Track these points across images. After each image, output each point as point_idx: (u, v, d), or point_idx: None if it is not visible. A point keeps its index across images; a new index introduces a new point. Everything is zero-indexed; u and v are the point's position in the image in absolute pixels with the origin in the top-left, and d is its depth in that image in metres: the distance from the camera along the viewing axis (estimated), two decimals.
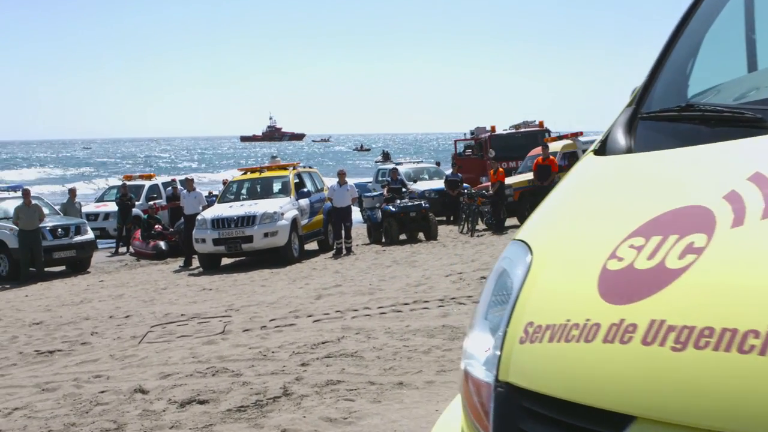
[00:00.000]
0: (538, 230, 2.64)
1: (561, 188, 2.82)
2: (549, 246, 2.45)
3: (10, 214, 20.19)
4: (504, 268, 2.61)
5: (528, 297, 2.32)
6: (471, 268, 13.81)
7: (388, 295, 11.78)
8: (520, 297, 2.36)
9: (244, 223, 18.51)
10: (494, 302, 2.54)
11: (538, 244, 2.51)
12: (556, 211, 2.70)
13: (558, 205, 2.73)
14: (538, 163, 23.64)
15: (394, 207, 22.18)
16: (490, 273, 2.64)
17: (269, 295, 13.21)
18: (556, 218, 2.64)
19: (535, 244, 2.52)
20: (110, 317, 12.44)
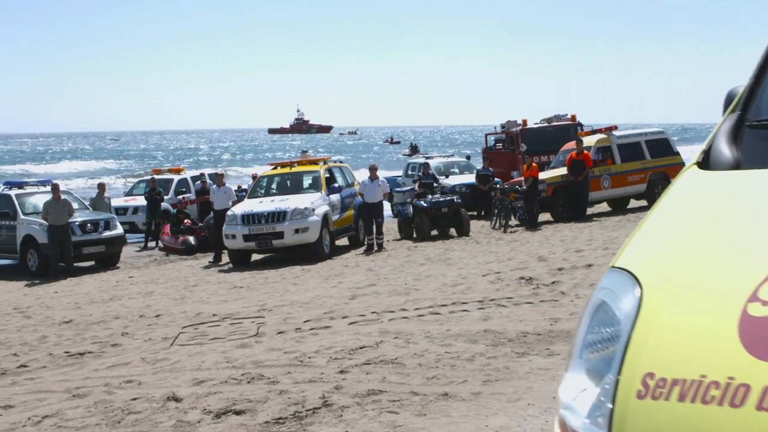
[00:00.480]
0: (643, 257, 2.29)
1: (663, 207, 2.47)
2: (662, 278, 2.10)
3: (39, 208, 20.05)
4: (603, 301, 2.26)
5: (644, 340, 1.98)
6: (508, 268, 13.44)
7: (424, 295, 11.45)
8: (632, 339, 2.02)
9: (274, 219, 18.24)
10: (593, 341, 2.19)
11: (647, 274, 2.16)
12: (661, 235, 2.34)
13: (662, 228, 2.37)
14: (572, 157, 23.20)
15: (426, 202, 21.82)
16: (586, 305, 2.30)
17: (302, 294, 12.92)
18: (662, 244, 2.28)
19: (643, 274, 2.17)
20: (141, 316, 12.21)
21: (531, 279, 11.83)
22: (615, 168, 24.23)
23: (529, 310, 9.69)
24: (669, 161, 24.95)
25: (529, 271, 12.68)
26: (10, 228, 20.09)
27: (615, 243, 15.27)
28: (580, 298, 10.19)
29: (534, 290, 10.95)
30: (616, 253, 2.39)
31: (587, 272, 12.09)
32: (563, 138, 30.40)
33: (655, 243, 2.28)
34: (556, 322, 8.90)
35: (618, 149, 24.53)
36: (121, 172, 72.40)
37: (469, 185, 27.37)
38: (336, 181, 20.55)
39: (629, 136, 25.29)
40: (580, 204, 23.14)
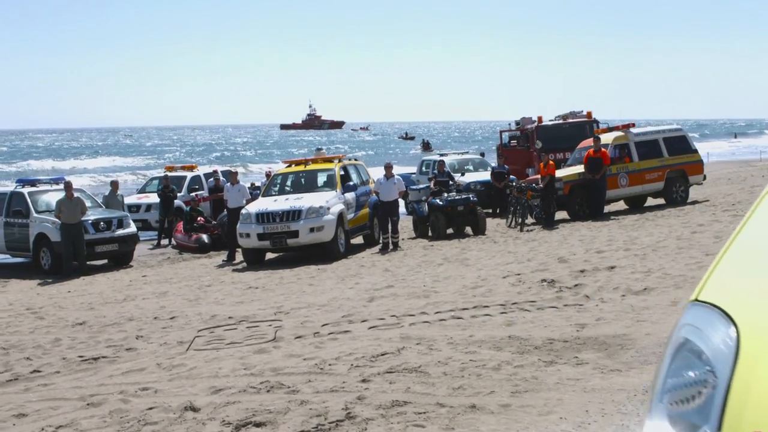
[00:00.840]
0: (735, 290, 2.01)
1: (755, 226, 2.18)
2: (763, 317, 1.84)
3: (52, 206, 19.90)
4: (687, 339, 1.98)
5: (747, 392, 1.72)
6: (529, 269, 13.18)
7: (444, 298, 11.21)
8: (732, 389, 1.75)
9: (289, 218, 18.02)
10: (676, 385, 1.92)
11: (743, 311, 1.89)
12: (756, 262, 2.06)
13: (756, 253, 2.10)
14: (589, 155, 22.90)
15: (442, 201, 21.57)
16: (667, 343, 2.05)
17: (319, 295, 12.69)
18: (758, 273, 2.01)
19: (737, 311, 1.90)
20: (155, 318, 12.01)
21: (553, 281, 11.57)
22: (632, 166, 23.91)
23: (554, 315, 9.44)
24: (687, 159, 24.64)
25: (550, 273, 12.42)
26: (23, 226, 19.95)
27: (636, 243, 14.99)
28: (605, 302, 9.93)
29: (557, 293, 10.70)
30: (698, 284, 2.12)
31: (610, 275, 11.82)
32: (579, 135, 30.07)
33: (749, 272, 2.00)
34: (583, 328, 8.66)
35: (635, 147, 24.21)
36: (138, 168, 71.45)
37: (484, 183, 27.08)
38: (351, 179, 20.32)
39: (647, 133, 24.95)
40: (597, 202, 22.84)
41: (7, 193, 20.77)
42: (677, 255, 13.12)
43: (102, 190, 35.03)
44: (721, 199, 24.39)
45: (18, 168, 72.47)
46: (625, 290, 10.54)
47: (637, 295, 10.26)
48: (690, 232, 15.92)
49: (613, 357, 7.51)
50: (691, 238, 15.01)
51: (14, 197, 20.41)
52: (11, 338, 11.50)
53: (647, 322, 8.69)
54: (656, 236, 15.82)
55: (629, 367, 7.11)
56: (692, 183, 25.05)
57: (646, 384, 6.49)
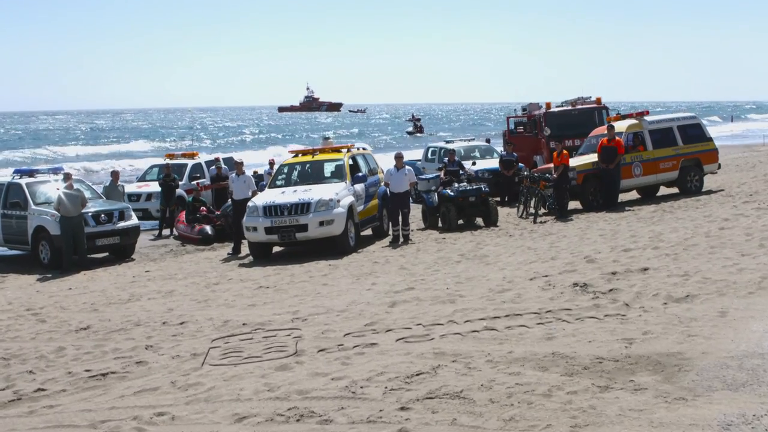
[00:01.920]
0: None
1: None
2: None
3: (51, 198, 19.20)
4: None
5: None
6: (555, 269, 12.54)
7: (472, 304, 10.56)
8: None
9: (298, 211, 17.35)
10: None
11: None
12: None
13: None
14: (603, 144, 22.25)
15: (453, 191, 20.93)
16: None
17: (335, 298, 12.04)
18: None
19: None
20: (163, 323, 11.36)
21: (585, 285, 10.93)
22: (647, 155, 23.27)
23: (595, 326, 8.81)
24: (702, 147, 24.02)
25: (579, 275, 11.79)
26: (20, 218, 19.25)
27: (663, 241, 14.35)
28: (647, 311, 9.30)
29: (593, 300, 10.06)
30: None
31: (645, 278, 11.19)
32: (588, 122, 29.41)
33: None
34: (631, 344, 8.02)
35: (650, 135, 23.55)
36: (146, 154, 69.04)
37: (492, 171, 26.43)
38: (360, 170, 19.64)
39: (661, 121, 24.28)
40: (611, 192, 22.22)
41: (4, 183, 20.02)
42: (711, 255, 12.49)
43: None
44: (737, 188, 23.76)
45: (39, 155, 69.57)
46: (666, 297, 9.91)
47: (679, 303, 9.62)
48: (717, 228, 15.28)
49: (672, 381, 6.88)
50: (720, 235, 14.38)
51: (11, 188, 19.69)
52: (12, 345, 10.86)
53: (699, 337, 8.06)
54: (682, 232, 15.18)
55: (694, 395, 6.49)
56: (707, 172, 24.43)
57: (722, 418, 5.87)
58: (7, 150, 75.05)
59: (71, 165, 54.94)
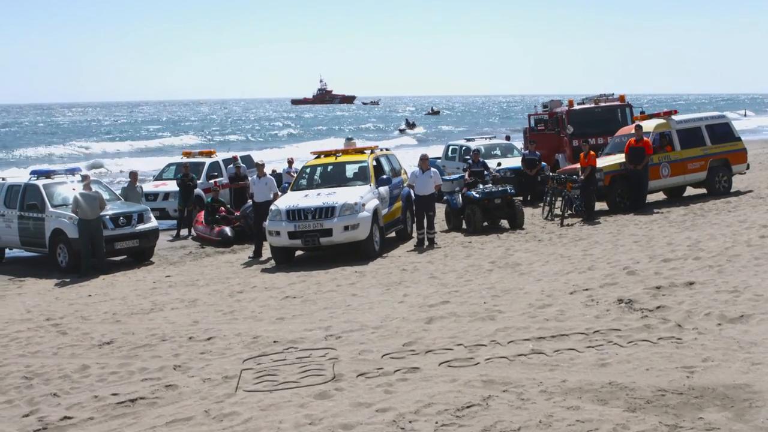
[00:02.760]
0: None
1: None
2: None
3: (68, 200, 18.82)
4: None
5: None
6: (595, 282, 12.06)
7: (513, 321, 10.10)
8: None
9: (322, 215, 16.90)
10: None
11: None
12: None
13: None
14: (630, 144, 21.73)
15: (478, 193, 20.46)
16: None
17: (367, 312, 11.58)
18: None
19: None
20: (190, 338, 10.93)
21: (631, 302, 10.46)
22: (675, 155, 22.76)
23: (650, 351, 8.33)
24: (730, 147, 23.52)
25: (622, 289, 11.31)
26: (38, 220, 18.86)
27: (702, 250, 13.86)
28: (702, 334, 8.82)
29: (642, 320, 9.58)
30: None
31: (692, 294, 10.70)
32: (611, 119, 28.92)
33: None
34: (692, 373, 7.55)
35: (677, 135, 23.03)
36: (162, 151, 67.24)
37: (514, 170, 25.93)
38: (384, 171, 19.18)
39: (689, 120, 23.74)
40: (639, 194, 21.71)
41: (21, 185, 19.65)
42: (757, 267, 12.00)
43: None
44: (766, 189, 23.24)
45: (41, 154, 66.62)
46: (719, 317, 9.43)
47: (734, 324, 9.15)
48: (758, 235, 14.78)
49: (744, 419, 6.42)
50: (762, 244, 13.88)
51: (28, 190, 19.31)
52: (33, 362, 10.46)
53: (764, 365, 7.59)
54: (720, 241, 14.68)
55: None
56: (735, 172, 23.91)
57: None
58: (42, 145, 74.06)
59: (124, 163, 54.29)
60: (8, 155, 64.81)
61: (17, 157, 63.71)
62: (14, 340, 11.94)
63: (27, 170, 27.86)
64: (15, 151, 68.61)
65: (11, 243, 19.99)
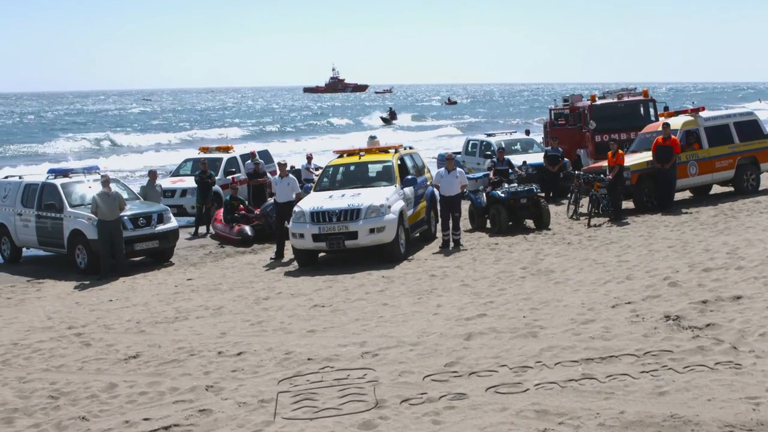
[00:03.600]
0: None
1: None
2: None
3: (86, 199, 18.49)
4: None
5: None
6: (636, 294, 11.63)
7: (557, 339, 9.68)
8: None
9: (347, 217, 16.51)
10: None
11: None
12: None
13: None
14: (658, 143, 21.26)
15: (503, 193, 20.05)
16: None
17: (401, 325, 11.18)
18: None
19: None
20: (219, 353, 10.56)
21: (678, 318, 10.04)
22: (702, 153, 22.29)
23: (709, 378, 7.91)
24: (759, 145, 23.04)
25: (666, 303, 10.89)
26: (56, 220, 18.52)
27: (743, 258, 13.40)
28: (760, 357, 8.40)
29: (694, 340, 9.15)
30: None
31: (741, 309, 10.28)
32: (633, 115, 28.48)
33: None
34: (758, 405, 7.14)
35: (705, 132, 22.55)
36: (173, 147, 64.42)
37: (536, 166, 25.50)
38: (408, 171, 18.77)
39: (717, 118, 23.25)
40: (666, 193, 21.25)
41: (38, 184, 19.30)
42: None
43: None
44: None
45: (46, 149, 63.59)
46: None
47: None
48: None
49: None
50: None
51: (46, 189, 18.98)
52: (58, 378, 10.11)
53: None
54: (760, 247, 14.22)
55: None
56: (763, 170, 23.43)
57: None
58: (80, 133, 73.20)
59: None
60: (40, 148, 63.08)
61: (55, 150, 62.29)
62: (37, 351, 11.61)
63: (42, 166, 27.60)
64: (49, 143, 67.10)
65: (28, 242, 19.67)
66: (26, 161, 52.28)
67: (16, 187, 19.79)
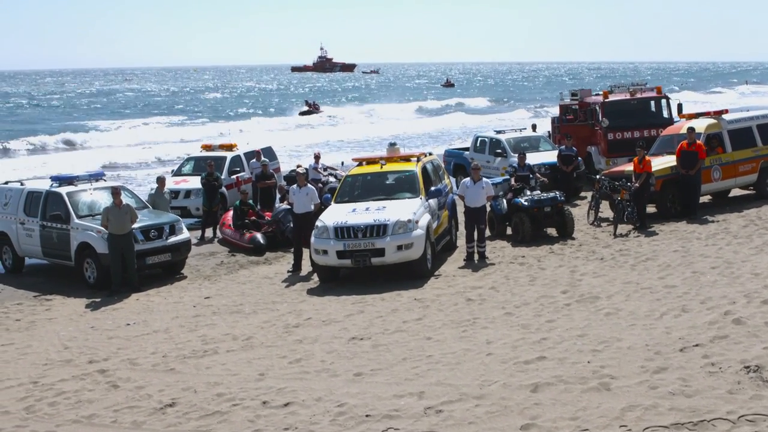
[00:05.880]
0: None
1: None
2: None
3: (94, 209, 17.64)
4: None
5: None
6: (701, 333, 10.94)
7: (634, 395, 8.95)
8: None
9: (373, 233, 15.75)
10: None
11: None
12: None
13: None
14: (682, 148, 20.60)
15: (526, 201, 19.36)
16: None
17: (456, 368, 10.41)
18: None
19: None
20: (264, 403, 9.79)
21: (759, 369, 9.36)
22: (726, 157, 21.69)
23: None
24: None
25: (736, 346, 10.21)
26: (62, 231, 17.62)
27: None
28: None
29: None
30: None
31: None
32: (647, 112, 27.79)
33: None
34: None
35: (729, 135, 21.94)
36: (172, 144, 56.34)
37: (549, 165, 24.81)
38: (432, 181, 18.00)
39: (740, 120, 22.60)
40: (691, 200, 20.63)
41: (42, 192, 18.37)
42: None
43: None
44: None
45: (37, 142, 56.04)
46: None
47: None
48: None
49: None
50: None
51: (51, 198, 18.06)
52: None
53: None
54: None
55: None
56: None
57: None
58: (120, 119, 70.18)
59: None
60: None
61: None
62: (61, 394, 10.82)
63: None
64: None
65: (32, 253, 18.78)
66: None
67: (17, 194, 18.86)
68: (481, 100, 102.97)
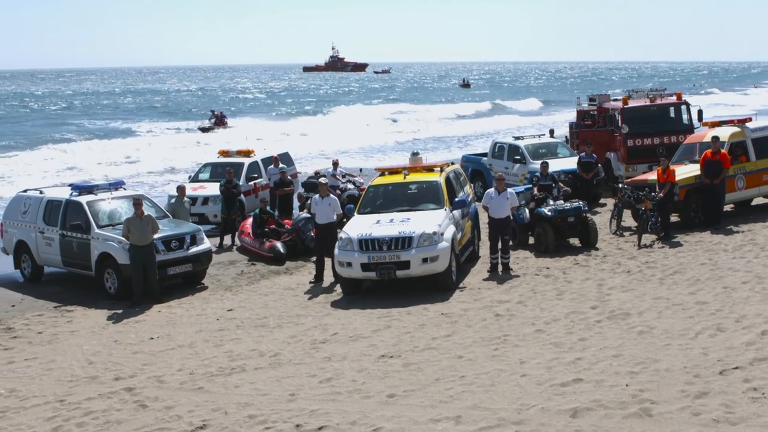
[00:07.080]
0: None
1: None
2: None
3: (114, 218, 17.50)
4: None
5: None
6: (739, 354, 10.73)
7: (678, 424, 8.70)
8: None
9: (398, 246, 15.56)
10: None
11: None
12: None
13: None
14: (706, 157, 20.39)
15: (550, 211, 19.17)
16: None
17: (491, 390, 10.23)
18: None
19: None
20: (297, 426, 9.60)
21: None
22: (750, 166, 21.49)
23: None
24: None
25: None
26: (83, 241, 17.48)
27: None
28: None
29: None
30: None
31: None
32: (666, 118, 27.54)
33: None
34: None
35: (752, 144, 21.73)
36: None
37: (569, 172, 24.61)
38: (455, 192, 17.81)
39: (764, 129, 22.38)
40: (714, 209, 20.41)
41: (62, 201, 18.22)
42: None
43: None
44: None
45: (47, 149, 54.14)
46: None
47: None
48: None
49: None
50: None
51: (71, 207, 17.92)
52: None
53: None
54: None
55: None
56: None
57: None
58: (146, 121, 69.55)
59: None
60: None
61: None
62: (89, 414, 10.66)
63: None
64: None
65: (52, 262, 18.64)
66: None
67: (37, 203, 18.72)
68: (533, 102, 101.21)
